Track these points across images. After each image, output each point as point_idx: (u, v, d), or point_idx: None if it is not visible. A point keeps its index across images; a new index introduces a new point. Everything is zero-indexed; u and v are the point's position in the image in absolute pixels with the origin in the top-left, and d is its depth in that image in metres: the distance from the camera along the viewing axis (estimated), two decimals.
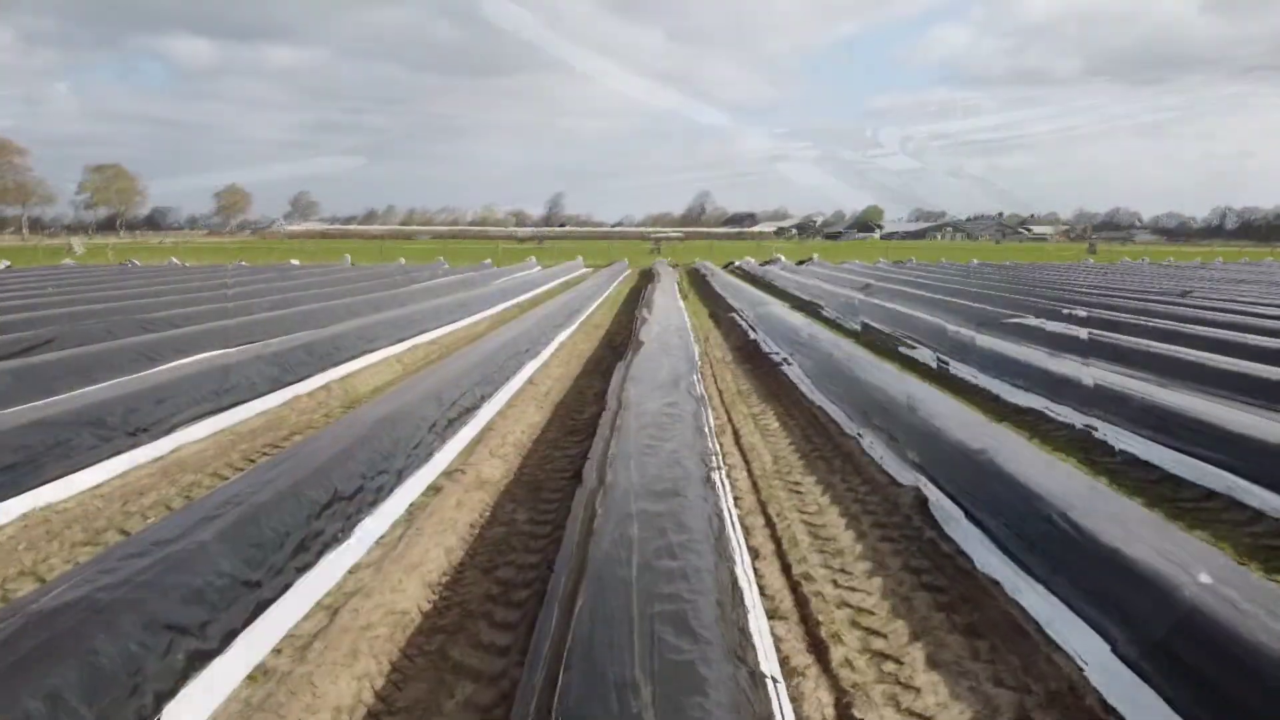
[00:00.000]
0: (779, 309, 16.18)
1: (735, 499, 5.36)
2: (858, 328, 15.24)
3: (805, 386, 9.05)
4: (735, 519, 4.69)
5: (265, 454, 6.74)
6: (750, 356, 11.82)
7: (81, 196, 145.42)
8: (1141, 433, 6.46)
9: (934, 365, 10.91)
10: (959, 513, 4.80)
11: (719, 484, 4.82)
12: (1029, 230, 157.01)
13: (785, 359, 10.79)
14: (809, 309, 19.24)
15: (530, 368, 10.20)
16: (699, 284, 28.95)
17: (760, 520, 5.07)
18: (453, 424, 6.61)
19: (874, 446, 6.38)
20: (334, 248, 55.17)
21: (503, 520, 5.20)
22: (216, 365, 8.36)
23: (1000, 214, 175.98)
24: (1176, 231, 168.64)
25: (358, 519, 4.52)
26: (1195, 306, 16.73)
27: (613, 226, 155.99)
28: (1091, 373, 8.22)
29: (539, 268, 36.82)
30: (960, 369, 10.35)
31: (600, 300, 21.44)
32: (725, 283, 25.34)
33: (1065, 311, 15.10)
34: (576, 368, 10.90)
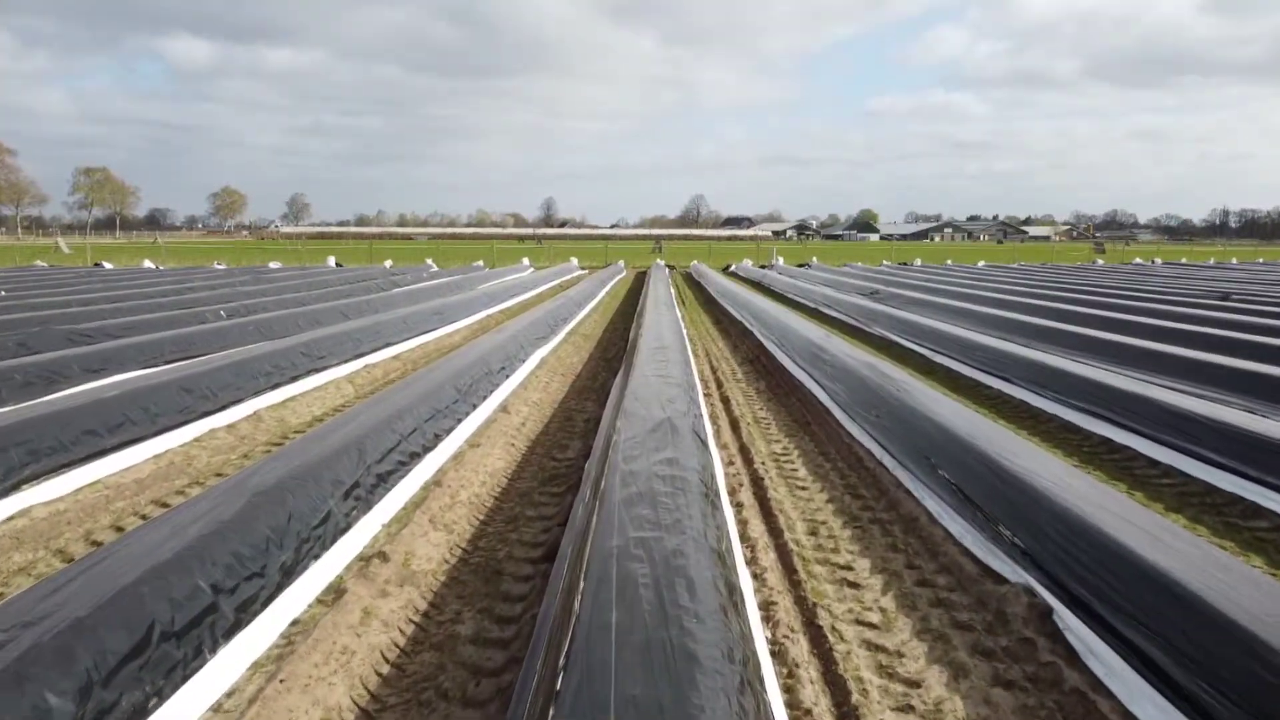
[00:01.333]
0: (788, 316, 14.59)
1: (767, 605, 3.76)
2: (885, 340, 13.65)
3: (838, 414, 7.45)
4: (777, 674, 3.09)
5: (145, 515, 5.14)
6: (764, 372, 10.23)
7: (75, 197, 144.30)
8: None
9: (988, 386, 9.31)
10: (1104, 640, 3.21)
11: (747, 611, 3.23)
12: (1026, 231, 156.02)
13: (808, 376, 9.20)
14: (821, 317, 17.66)
15: (505, 389, 8.60)
16: (697, 288, 27.43)
17: (805, 644, 3.47)
18: (384, 481, 4.99)
19: (946, 512, 4.79)
20: (328, 249, 53.95)
21: (434, 638, 3.60)
22: (114, 393, 6.76)
23: (997, 216, 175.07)
24: (1178, 231, 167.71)
25: (192, 668, 2.91)
26: (1248, 313, 15.14)
27: (610, 228, 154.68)
28: (1206, 406, 6.63)
29: (532, 269, 35.22)
30: (1018, 392, 8.77)
31: (593, 304, 19.86)
32: (725, 287, 23.76)
33: (1121, 320, 13.52)
34: (561, 389, 9.30)
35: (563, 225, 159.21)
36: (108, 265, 33.52)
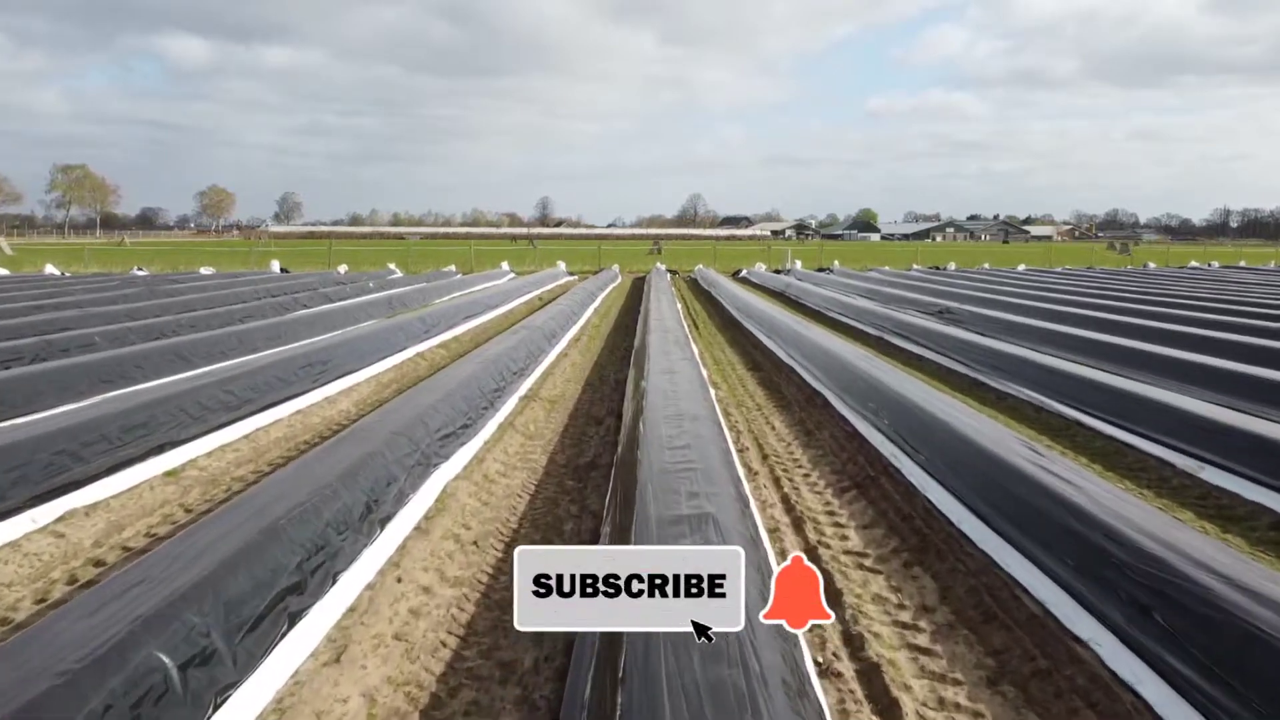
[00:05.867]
0: (875, 367, 9.29)
1: None
2: (1044, 411, 8.23)
3: None
4: None
5: None
6: (906, 537, 4.86)
7: (52, 195, 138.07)
8: None
9: None
10: None
11: None
12: (1028, 231, 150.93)
13: (1052, 582, 3.85)
14: (900, 354, 12.21)
15: (328, 612, 3.26)
16: (709, 301, 21.83)
17: None
18: None
19: None
20: (313, 249, 50.45)
21: None
22: None
23: (997, 215, 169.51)
24: (1179, 231, 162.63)
25: None
26: None
27: (606, 228, 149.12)
28: None
29: (511, 276, 29.77)
30: None
31: (574, 331, 14.51)
32: (745, 301, 18.36)
33: None
34: (443, 624, 3.94)
35: (559, 225, 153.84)
36: (3, 271, 28.25)
